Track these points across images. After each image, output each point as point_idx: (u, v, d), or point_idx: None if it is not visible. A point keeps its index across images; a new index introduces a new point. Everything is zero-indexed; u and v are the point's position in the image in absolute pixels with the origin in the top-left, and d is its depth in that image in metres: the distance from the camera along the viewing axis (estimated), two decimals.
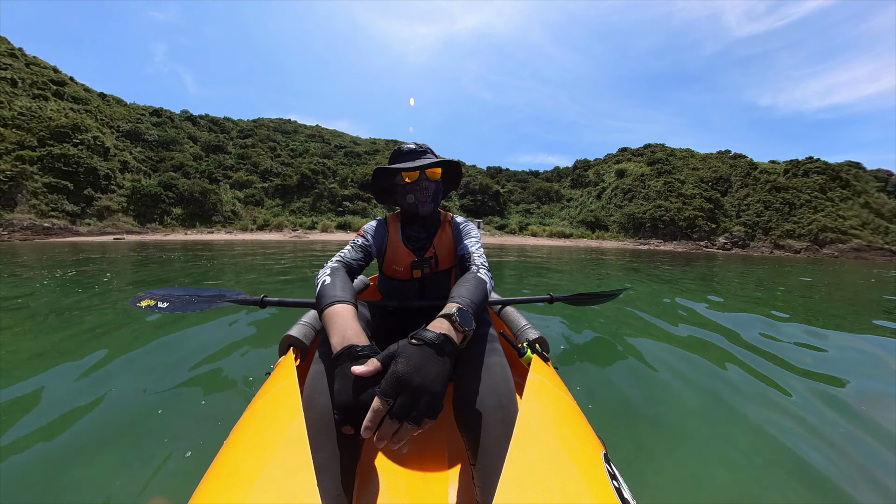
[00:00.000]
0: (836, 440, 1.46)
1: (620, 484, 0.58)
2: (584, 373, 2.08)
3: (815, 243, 44.52)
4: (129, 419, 1.44)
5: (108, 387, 1.69)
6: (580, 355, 2.34)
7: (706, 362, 2.26)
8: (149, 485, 1.11)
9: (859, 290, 6.73)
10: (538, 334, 1.13)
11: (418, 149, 1.18)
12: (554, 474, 0.51)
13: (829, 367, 2.29)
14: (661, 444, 1.40)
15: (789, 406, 1.73)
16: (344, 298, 0.79)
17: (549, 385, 0.78)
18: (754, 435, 1.48)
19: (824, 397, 1.85)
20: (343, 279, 0.90)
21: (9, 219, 27.20)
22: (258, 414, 0.69)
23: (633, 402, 1.72)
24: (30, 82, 40.75)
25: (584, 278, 7.24)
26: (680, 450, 1.37)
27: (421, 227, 1.23)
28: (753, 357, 2.40)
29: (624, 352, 2.41)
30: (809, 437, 1.48)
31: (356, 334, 0.69)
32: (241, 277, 5.77)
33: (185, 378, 1.80)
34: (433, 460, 0.90)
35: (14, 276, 5.18)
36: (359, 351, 0.65)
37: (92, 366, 1.92)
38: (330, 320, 0.74)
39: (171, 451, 1.26)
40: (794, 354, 2.52)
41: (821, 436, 1.49)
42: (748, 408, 1.69)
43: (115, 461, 1.21)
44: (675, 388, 1.90)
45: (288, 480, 0.48)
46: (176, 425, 1.41)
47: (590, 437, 0.68)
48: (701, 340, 2.75)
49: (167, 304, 1.17)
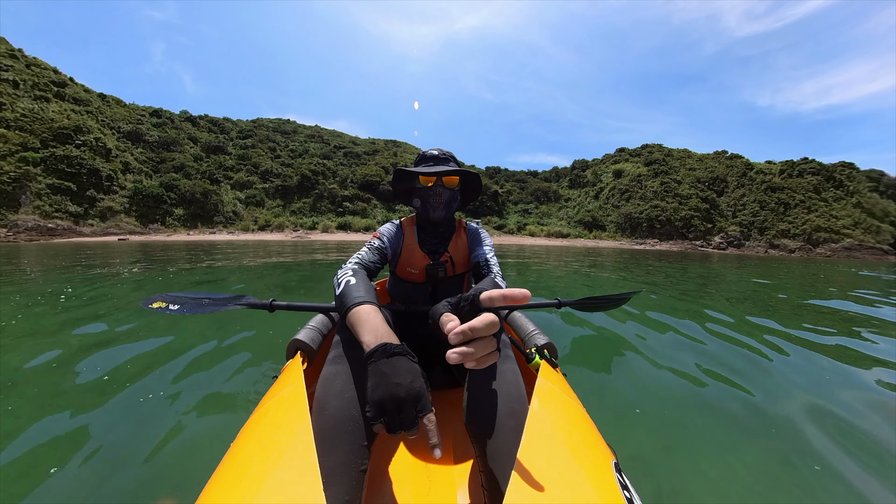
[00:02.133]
0: (867, 451, 1.41)
1: (632, 494, 0.56)
2: (593, 379, 2.04)
3: (808, 243, 45.32)
4: (136, 420, 1.46)
5: (114, 387, 1.72)
6: (589, 361, 2.31)
7: (720, 370, 2.22)
8: (156, 485, 1.11)
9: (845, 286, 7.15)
10: (546, 340, 1.12)
11: (441, 156, 1.21)
12: (563, 482, 0.51)
13: (855, 374, 2.24)
14: (674, 454, 1.36)
15: (807, 416, 1.68)
16: (370, 300, 0.80)
17: (558, 391, 0.79)
18: (775, 447, 1.44)
19: (849, 409, 1.77)
20: (366, 280, 0.91)
21: (14, 219, 27.53)
22: (265, 417, 0.69)
23: (643, 410, 1.68)
24: (31, 84, 40.97)
25: (585, 282, 7.13)
26: (693, 460, 1.33)
27: (436, 231, 1.25)
28: (771, 365, 2.35)
29: (634, 358, 2.36)
30: (833, 446, 1.43)
31: (388, 333, 0.70)
32: (266, 281, 6.14)
33: (193, 380, 1.83)
34: (441, 466, 0.90)
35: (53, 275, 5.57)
36: (394, 349, 0.65)
37: (100, 367, 1.96)
38: (359, 320, 0.74)
39: (178, 452, 1.27)
40: (810, 359, 2.48)
41: (855, 446, 1.44)
42: (766, 419, 1.65)
43: (122, 461, 1.21)
44: (688, 396, 1.86)
45: (294, 484, 0.48)
46: (183, 427, 1.42)
47: (600, 446, 0.67)
48: (714, 348, 2.67)
49: (178, 306, 1.19)
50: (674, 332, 3.06)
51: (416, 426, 0.58)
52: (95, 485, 1.12)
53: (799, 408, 1.79)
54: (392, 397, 0.58)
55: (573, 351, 2.49)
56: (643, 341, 2.75)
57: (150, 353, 2.19)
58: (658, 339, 2.81)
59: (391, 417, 0.58)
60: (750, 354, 2.54)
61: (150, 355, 2.15)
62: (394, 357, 0.63)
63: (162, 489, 1.11)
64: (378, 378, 0.61)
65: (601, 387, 1.94)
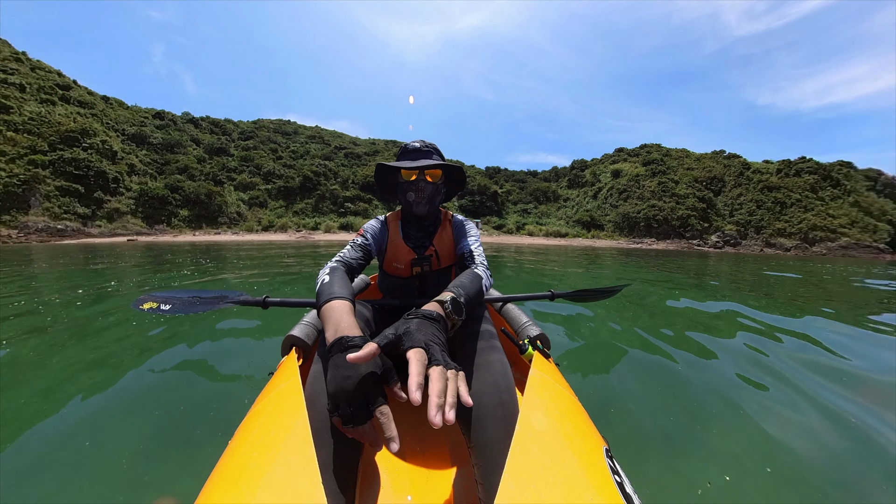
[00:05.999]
0: (847, 444, 1.42)
1: (623, 479, 0.58)
2: (586, 369, 2.06)
3: (804, 241, 45.78)
4: (132, 419, 1.45)
5: (110, 387, 1.70)
6: (582, 352, 2.34)
7: (708, 359, 2.28)
8: (155, 485, 1.11)
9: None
10: (539, 331, 1.13)
11: (423, 148, 1.19)
12: (556, 470, 0.51)
13: (842, 367, 2.24)
14: (664, 441, 1.39)
15: (792, 405, 1.72)
16: (340, 295, 0.80)
17: (551, 381, 0.80)
18: (757, 432, 1.48)
19: (837, 397, 1.81)
20: (341, 277, 0.92)
21: (24, 221, 28.19)
22: (262, 414, 0.69)
23: (634, 399, 1.71)
24: (37, 87, 41.61)
25: (583, 274, 7.35)
26: (683, 446, 1.37)
27: (421, 225, 1.24)
28: (754, 354, 2.41)
29: (625, 348, 2.41)
30: (814, 437, 1.46)
31: (349, 327, 0.70)
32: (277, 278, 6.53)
33: (189, 379, 1.82)
34: (435, 458, 0.91)
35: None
36: (349, 342, 0.65)
37: (95, 368, 1.93)
38: (326, 316, 0.76)
39: (176, 451, 1.26)
40: (802, 352, 2.50)
41: (828, 436, 1.46)
42: (751, 405, 1.69)
43: (121, 461, 1.20)
44: (678, 383, 1.90)
45: (293, 480, 0.48)
46: (180, 425, 1.41)
47: (592, 433, 0.68)
48: (703, 337, 2.75)
49: (170, 306, 1.17)
50: (668, 323, 3.12)
51: (367, 419, 0.58)
52: (93, 485, 1.11)
53: (787, 385, 1.89)
54: (342, 390, 0.59)
55: (566, 342, 2.54)
56: (636, 332, 2.81)
57: (141, 352, 2.16)
58: (651, 333, 2.83)
59: (343, 410, 0.58)
60: (751, 352, 2.50)
61: (142, 354, 2.12)
62: (349, 349, 0.63)
63: (160, 487, 1.10)
64: (332, 371, 0.62)
65: (594, 376, 1.98)
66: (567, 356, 2.26)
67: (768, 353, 2.46)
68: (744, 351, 2.50)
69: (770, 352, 2.48)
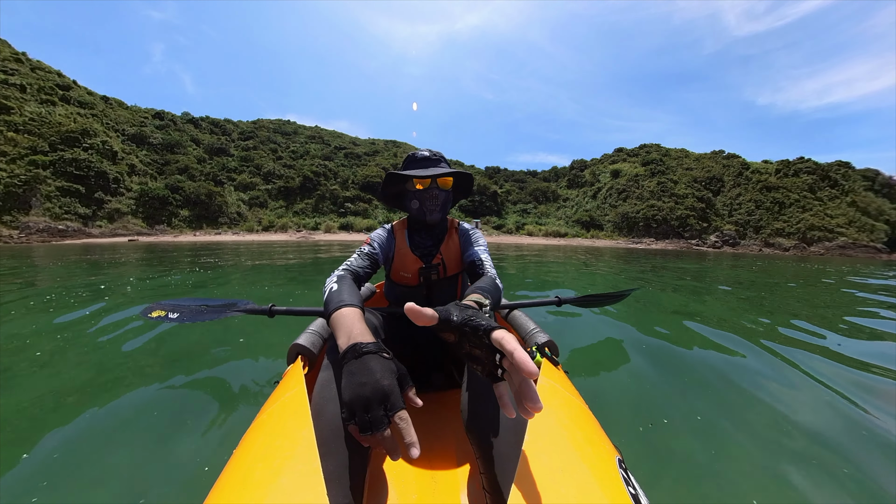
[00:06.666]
0: (867, 448, 1.38)
1: (637, 490, 0.56)
2: (596, 376, 2.01)
3: (803, 241, 46.00)
4: (138, 428, 1.45)
5: (117, 395, 1.70)
6: (591, 359, 2.29)
7: (722, 365, 2.21)
8: (160, 493, 1.11)
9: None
10: (547, 338, 1.12)
11: (432, 157, 1.20)
12: (568, 480, 0.50)
13: (860, 370, 2.20)
14: (678, 450, 1.35)
15: (811, 410, 1.66)
16: (350, 302, 0.80)
17: (560, 389, 0.79)
18: (775, 441, 1.42)
19: (856, 397, 1.75)
20: (349, 286, 0.93)
21: (25, 221, 28.25)
22: (268, 423, 0.69)
23: (647, 407, 1.66)
24: (37, 87, 41.64)
25: (582, 278, 7.34)
26: (698, 455, 1.32)
27: (428, 233, 1.25)
28: (771, 359, 2.34)
29: (636, 355, 2.35)
30: (834, 443, 1.41)
31: (361, 333, 0.70)
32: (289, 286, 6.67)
33: (194, 387, 1.82)
34: (443, 467, 0.90)
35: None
36: (363, 348, 0.64)
37: (101, 374, 1.92)
38: (336, 323, 0.75)
39: (182, 459, 1.26)
40: (815, 353, 2.46)
41: (854, 446, 1.40)
42: (768, 413, 1.64)
43: (126, 469, 1.20)
44: (690, 391, 1.84)
45: (298, 489, 0.48)
46: (186, 434, 1.41)
47: (603, 443, 0.66)
48: (714, 343, 2.66)
49: (177, 314, 1.18)
50: (676, 329, 3.06)
51: (385, 426, 0.57)
52: (99, 492, 1.10)
53: (807, 402, 1.77)
54: (359, 397, 0.58)
55: (575, 348, 2.48)
56: (646, 338, 2.74)
57: (147, 360, 2.16)
58: (662, 338, 2.76)
59: (360, 418, 0.57)
60: (767, 356, 2.43)
61: (147, 362, 2.12)
62: (364, 356, 0.63)
63: (164, 497, 1.10)
64: (346, 379, 0.61)
65: (604, 383, 1.93)
66: (576, 363, 2.22)
67: (800, 363, 2.30)
68: (771, 360, 2.35)
69: (804, 363, 2.30)
